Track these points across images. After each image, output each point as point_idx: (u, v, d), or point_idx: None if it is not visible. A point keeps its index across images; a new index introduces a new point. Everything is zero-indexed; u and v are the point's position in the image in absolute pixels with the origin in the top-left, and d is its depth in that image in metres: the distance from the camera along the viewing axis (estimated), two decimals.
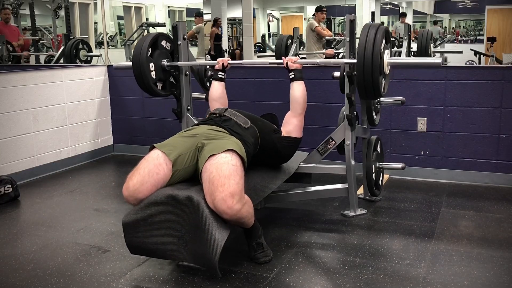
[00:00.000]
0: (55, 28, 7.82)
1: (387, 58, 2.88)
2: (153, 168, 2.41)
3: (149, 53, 3.24)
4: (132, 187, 2.38)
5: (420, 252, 2.69)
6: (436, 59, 2.80)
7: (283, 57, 3.14)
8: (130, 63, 3.31)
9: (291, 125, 3.00)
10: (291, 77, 3.05)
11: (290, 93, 3.04)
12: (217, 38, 8.47)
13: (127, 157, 5.00)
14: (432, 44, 6.47)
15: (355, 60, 2.86)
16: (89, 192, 3.96)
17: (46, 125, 4.40)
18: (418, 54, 6.09)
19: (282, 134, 2.96)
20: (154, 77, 3.27)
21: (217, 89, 3.21)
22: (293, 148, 3.01)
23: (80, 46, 6.14)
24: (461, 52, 7.22)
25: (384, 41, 2.82)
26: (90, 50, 6.28)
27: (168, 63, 3.33)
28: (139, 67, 3.22)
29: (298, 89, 3.02)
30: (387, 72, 2.92)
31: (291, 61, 3.08)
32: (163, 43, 3.35)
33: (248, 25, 6.02)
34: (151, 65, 3.25)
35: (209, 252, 2.25)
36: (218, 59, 3.24)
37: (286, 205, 3.42)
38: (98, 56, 6.06)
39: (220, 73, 3.23)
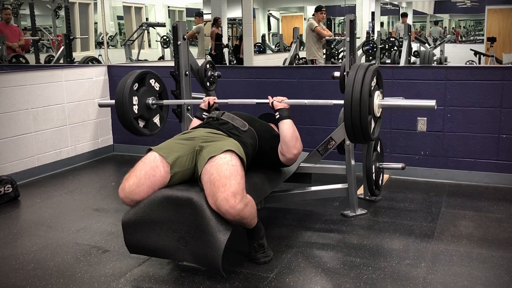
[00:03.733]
0: (55, 28, 7.83)
1: (377, 100, 2.69)
2: (149, 170, 2.41)
3: (135, 88, 3.12)
4: (128, 189, 2.38)
5: (420, 252, 2.69)
6: (430, 102, 2.66)
7: (269, 96, 2.95)
8: (113, 101, 3.16)
9: (282, 158, 2.82)
10: (277, 117, 2.86)
11: (280, 133, 2.81)
12: (217, 37, 8.47)
13: (127, 157, 5.00)
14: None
15: (342, 101, 2.68)
16: (89, 192, 3.96)
17: (46, 125, 4.40)
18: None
19: (278, 157, 2.83)
20: (136, 111, 3.11)
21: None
22: None
23: (90, 64, 6.15)
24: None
25: (375, 81, 2.66)
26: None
27: (154, 102, 3.20)
28: (121, 99, 3.06)
29: (284, 129, 2.78)
30: (378, 115, 2.74)
31: (278, 100, 2.90)
32: (152, 81, 3.22)
33: (248, 25, 6.03)
34: (134, 98, 3.10)
35: (211, 253, 2.25)
36: (205, 98, 3.09)
37: (286, 205, 3.42)
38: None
39: (204, 113, 3.00)
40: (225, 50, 8.71)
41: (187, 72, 3.44)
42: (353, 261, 2.59)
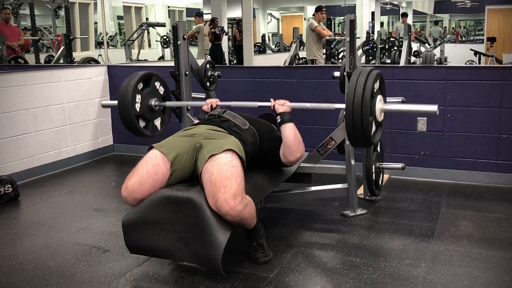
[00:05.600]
0: (55, 28, 7.83)
1: (379, 104, 2.67)
2: (151, 168, 2.41)
3: (140, 88, 3.10)
4: (131, 187, 2.39)
5: (420, 252, 2.69)
6: (432, 107, 2.63)
7: (271, 99, 2.94)
8: (116, 102, 3.11)
9: (284, 159, 2.83)
10: (278, 121, 2.85)
11: (282, 138, 2.81)
12: (216, 38, 8.46)
13: (127, 157, 5.00)
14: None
15: (343, 105, 2.67)
16: (89, 192, 3.96)
17: (46, 125, 4.40)
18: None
19: (279, 157, 2.84)
20: (137, 110, 3.08)
21: None
22: None
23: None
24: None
25: (378, 85, 2.65)
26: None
27: (157, 103, 3.17)
28: (124, 94, 3.03)
29: (286, 133, 2.78)
30: (380, 119, 2.71)
31: (280, 103, 2.89)
32: (157, 84, 3.21)
33: (248, 25, 6.03)
34: (138, 96, 3.07)
35: (211, 253, 2.25)
36: (207, 100, 3.07)
37: (286, 205, 3.42)
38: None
39: (207, 116, 2.99)
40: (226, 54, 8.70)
41: (187, 72, 3.44)
42: (353, 261, 2.59)
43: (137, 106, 3.08)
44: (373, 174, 3.42)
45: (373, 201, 3.48)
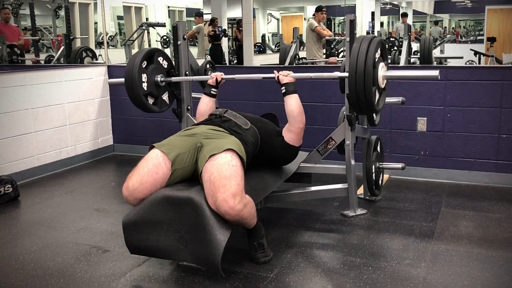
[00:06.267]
0: (55, 28, 7.83)
1: (382, 72, 2.73)
2: (152, 167, 2.41)
3: (144, 66, 3.17)
4: (132, 187, 2.39)
5: (420, 252, 2.69)
6: (433, 71, 2.68)
7: (275, 71, 2.98)
8: (123, 80, 3.21)
9: (288, 136, 2.88)
10: (283, 91, 2.90)
11: (285, 108, 2.89)
12: (215, 38, 8.45)
13: (127, 157, 5.00)
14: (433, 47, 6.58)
15: (347, 74, 2.73)
16: (89, 192, 3.96)
17: (46, 125, 4.40)
18: (421, 61, 6.20)
19: (283, 139, 2.88)
20: (145, 89, 3.17)
21: (207, 104, 3.05)
22: (294, 152, 2.97)
23: (84, 54, 6.15)
24: (461, 57, 7.33)
25: (379, 53, 2.69)
26: (94, 56, 6.29)
27: (162, 79, 3.25)
28: (131, 76, 3.12)
29: (291, 103, 2.87)
30: (383, 86, 2.76)
31: (284, 74, 2.93)
32: (160, 59, 3.28)
33: (248, 25, 6.04)
34: (144, 76, 3.16)
35: (211, 253, 2.25)
36: (212, 74, 3.11)
37: (286, 205, 3.42)
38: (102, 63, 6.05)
39: (213, 89, 3.08)
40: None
41: (187, 72, 3.44)
42: (353, 261, 2.59)
43: (144, 85, 3.17)
44: (373, 174, 3.42)
45: (373, 201, 3.48)
